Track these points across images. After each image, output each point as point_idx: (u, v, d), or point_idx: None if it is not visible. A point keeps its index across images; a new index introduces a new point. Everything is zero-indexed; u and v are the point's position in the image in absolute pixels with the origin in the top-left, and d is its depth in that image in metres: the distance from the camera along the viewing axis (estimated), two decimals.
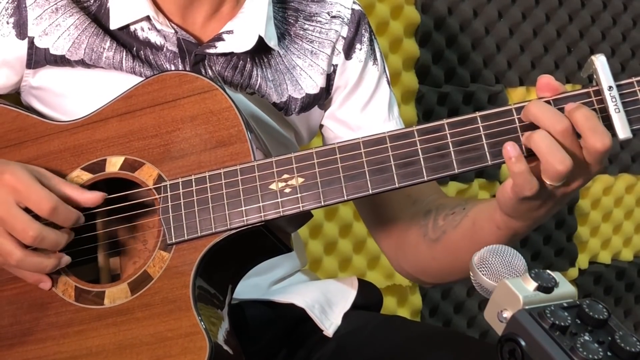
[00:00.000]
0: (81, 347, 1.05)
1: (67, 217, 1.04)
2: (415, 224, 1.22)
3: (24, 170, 1.04)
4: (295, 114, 1.27)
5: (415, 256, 1.23)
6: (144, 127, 1.09)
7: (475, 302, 2.42)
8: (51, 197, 1.03)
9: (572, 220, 2.67)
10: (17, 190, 1.02)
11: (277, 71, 1.25)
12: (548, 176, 0.95)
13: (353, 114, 1.30)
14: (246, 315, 1.22)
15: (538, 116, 0.95)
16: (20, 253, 1.03)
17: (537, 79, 0.99)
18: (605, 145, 0.94)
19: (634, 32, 2.79)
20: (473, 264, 0.83)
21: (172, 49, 1.19)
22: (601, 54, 0.97)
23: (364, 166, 1.01)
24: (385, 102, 1.32)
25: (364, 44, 1.30)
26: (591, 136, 0.94)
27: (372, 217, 1.31)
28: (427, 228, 1.19)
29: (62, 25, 1.19)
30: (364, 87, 1.30)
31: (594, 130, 0.94)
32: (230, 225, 1.03)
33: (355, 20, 1.30)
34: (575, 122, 0.94)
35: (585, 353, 0.70)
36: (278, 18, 1.27)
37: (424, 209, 1.22)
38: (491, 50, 2.46)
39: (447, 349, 1.15)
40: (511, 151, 0.95)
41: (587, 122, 0.94)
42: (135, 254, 1.15)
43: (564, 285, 0.77)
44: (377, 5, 2.15)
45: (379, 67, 1.32)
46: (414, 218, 1.22)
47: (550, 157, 0.94)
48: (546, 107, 0.96)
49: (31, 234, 1.01)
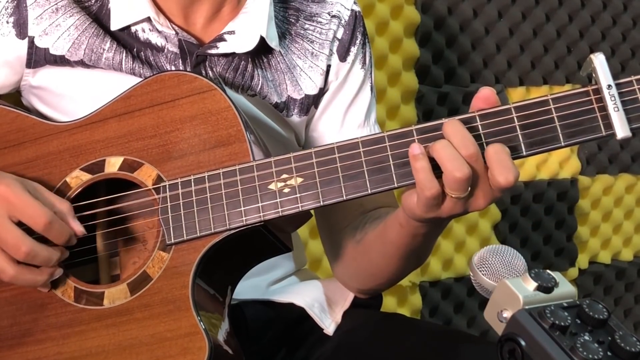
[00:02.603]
0: (81, 347, 1.05)
1: (61, 232, 1.04)
2: (352, 229, 1.23)
3: (18, 184, 1.04)
4: (295, 116, 1.27)
5: (344, 260, 1.24)
6: (143, 127, 1.09)
7: (475, 302, 2.42)
8: (46, 212, 1.02)
9: (572, 220, 2.67)
10: (12, 203, 1.01)
11: (277, 71, 1.24)
12: (448, 184, 0.96)
13: (336, 114, 1.29)
14: (246, 315, 1.22)
15: (450, 136, 0.97)
16: (12, 270, 1.02)
17: (480, 90, 1.00)
18: (507, 181, 0.94)
19: (634, 32, 2.79)
20: (473, 264, 0.82)
21: (173, 50, 1.19)
22: (600, 53, 0.97)
23: (362, 166, 1.00)
24: (365, 107, 1.31)
25: (356, 45, 1.30)
26: (496, 168, 0.94)
27: (323, 223, 1.31)
28: (357, 230, 1.21)
29: (62, 26, 1.19)
30: (347, 87, 1.30)
31: (501, 164, 0.94)
32: (229, 226, 1.03)
33: (353, 22, 1.30)
34: (487, 153, 0.96)
35: (585, 353, 0.70)
36: (279, 17, 1.27)
37: (368, 217, 1.23)
38: (491, 50, 2.46)
39: (447, 346, 1.15)
40: (414, 149, 0.97)
41: (495, 155, 0.95)
42: (134, 254, 1.15)
43: (564, 285, 0.77)
44: (377, 5, 2.15)
45: (365, 71, 1.32)
46: (353, 223, 1.23)
47: (449, 164, 0.94)
48: (458, 128, 0.97)
49: (24, 249, 1.01)
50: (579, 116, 0.97)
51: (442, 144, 0.96)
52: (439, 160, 0.95)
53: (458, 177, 0.94)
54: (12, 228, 1.01)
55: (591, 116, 0.97)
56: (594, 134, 0.97)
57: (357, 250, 1.20)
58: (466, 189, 0.96)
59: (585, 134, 0.97)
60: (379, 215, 1.19)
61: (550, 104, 0.98)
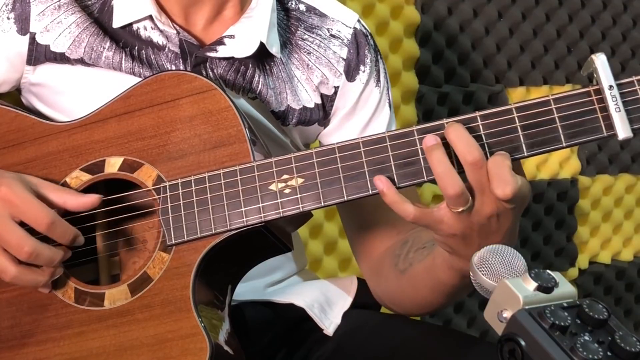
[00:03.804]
0: (81, 348, 1.05)
1: (64, 232, 1.03)
2: (391, 253, 1.22)
3: (20, 183, 1.03)
4: (292, 125, 1.26)
5: (386, 284, 1.23)
6: (142, 127, 1.09)
7: (475, 302, 2.42)
8: (49, 212, 1.02)
9: (572, 220, 2.67)
10: (14, 204, 1.01)
11: (279, 79, 1.24)
12: (446, 200, 0.96)
13: (351, 135, 1.27)
14: (246, 316, 1.22)
15: (454, 142, 0.96)
16: (14, 270, 1.02)
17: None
18: (504, 194, 0.93)
19: (634, 32, 2.79)
20: (473, 264, 0.82)
21: (174, 50, 1.19)
22: (601, 53, 0.97)
23: (363, 166, 1.00)
24: (384, 126, 1.30)
25: (367, 65, 1.28)
26: (494, 182, 0.94)
27: (357, 239, 1.30)
28: (399, 258, 1.19)
29: (63, 23, 1.19)
30: (364, 108, 1.29)
31: (499, 178, 0.94)
32: (230, 226, 1.02)
33: (357, 41, 1.28)
34: (487, 164, 0.95)
35: (585, 353, 0.70)
36: (282, 26, 1.26)
37: (403, 239, 1.22)
38: (491, 50, 2.46)
39: (446, 347, 1.15)
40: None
41: (494, 168, 0.94)
42: (135, 255, 1.15)
43: (564, 285, 0.77)
44: (377, 5, 2.15)
45: (381, 89, 1.30)
46: (391, 247, 1.23)
47: (442, 181, 0.94)
48: (461, 135, 0.96)
49: (26, 249, 1.00)
50: (580, 117, 0.97)
51: (438, 159, 0.95)
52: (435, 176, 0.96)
53: (451, 193, 0.94)
54: (14, 228, 1.01)
55: (592, 117, 0.97)
56: (595, 135, 0.97)
57: (402, 281, 1.18)
58: (464, 202, 0.95)
59: (586, 134, 0.97)
60: (424, 245, 1.16)
61: (552, 104, 0.98)
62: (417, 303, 1.19)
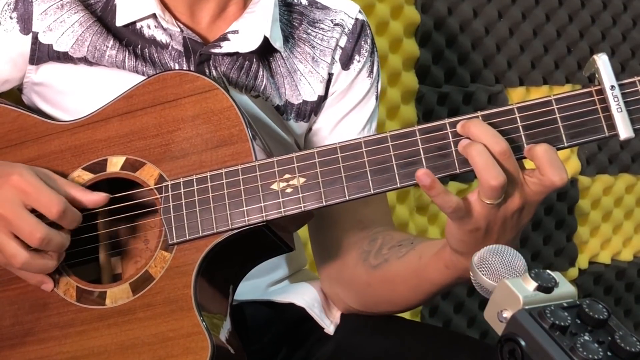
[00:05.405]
0: (83, 347, 1.05)
1: (73, 219, 1.05)
2: (358, 248, 1.21)
3: (31, 171, 1.04)
4: (292, 120, 1.27)
5: (351, 279, 1.22)
6: (145, 126, 1.09)
7: (475, 302, 2.42)
8: (60, 199, 1.03)
9: (572, 220, 2.67)
10: (26, 192, 1.02)
11: (278, 74, 1.24)
12: (483, 192, 0.96)
13: (334, 117, 1.28)
14: (246, 315, 1.22)
15: (479, 136, 0.96)
16: (25, 255, 1.03)
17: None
18: (562, 180, 0.95)
19: (634, 32, 2.79)
20: (473, 264, 0.83)
21: (178, 48, 1.19)
22: (603, 53, 0.97)
23: (365, 166, 1.01)
24: (367, 116, 1.30)
25: (363, 55, 1.29)
26: (549, 169, 0.95)
27: (318, 238, 1.29)
28: (369, 254, 1.19)
29: (66, 22, 1.19)
30: (351, 96, 1.29)
31: (552, 164, 0.95)
32: (231, 225, 1.03)
33: (357, 31, 1.29)
34: (534, 154, 0.96)
35: (585, 353, 0.70)
36: (283, 21, 1.26)
37: (372, 236, 1.21)
38: (491, 50, 2.46)
39: (446, 348, 1.15)
40: (425, 179, 0.95)
41: (545, 155, 0.95)
42: (136, 253, 1.15)
43: (564, 285, 0.77)
44: (377, 5, 2.15)
45: (372, 80, 1.31)
46: (358, 242, 1.22)
47: (485, 172, 0.94)
48: (485, 127, 0.96)
49: (38, 236, 1.01)
50: (582, 117, 0.98)
51: (478, 150, 0.95)
52: (474, 167, 0.95)
53: (494, 185, 0.94)
54: (27, 216, 1.02)
55: (594, 117, 0.97)
56: (597, 135, 0.97)
57: (374, 277, 1.17)
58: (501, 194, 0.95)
59: (588, 134, 0.97)
60: (399, 243, 1.16)
61: (554, 105, 0.98)
62: (393, 301, 1.19)
